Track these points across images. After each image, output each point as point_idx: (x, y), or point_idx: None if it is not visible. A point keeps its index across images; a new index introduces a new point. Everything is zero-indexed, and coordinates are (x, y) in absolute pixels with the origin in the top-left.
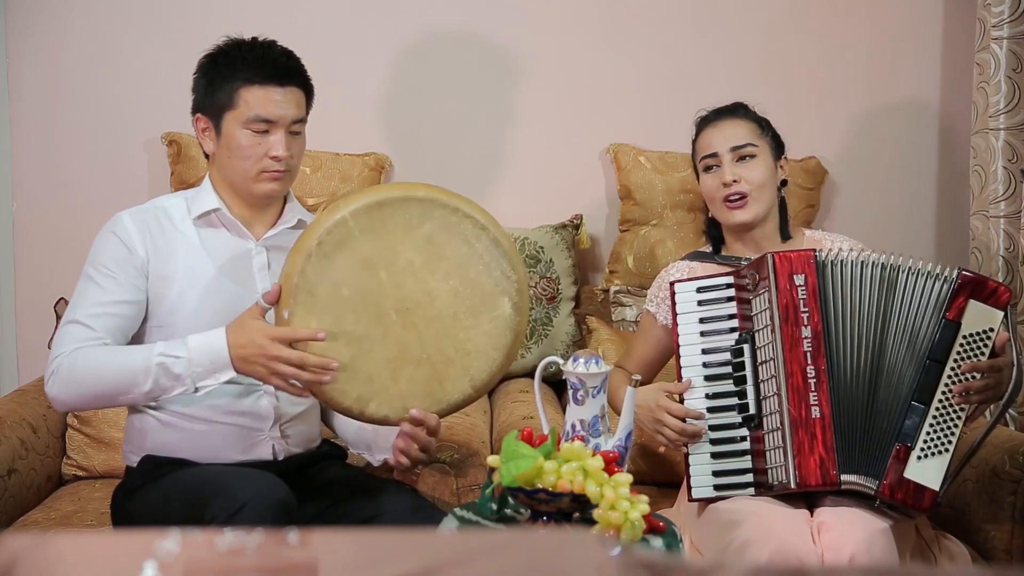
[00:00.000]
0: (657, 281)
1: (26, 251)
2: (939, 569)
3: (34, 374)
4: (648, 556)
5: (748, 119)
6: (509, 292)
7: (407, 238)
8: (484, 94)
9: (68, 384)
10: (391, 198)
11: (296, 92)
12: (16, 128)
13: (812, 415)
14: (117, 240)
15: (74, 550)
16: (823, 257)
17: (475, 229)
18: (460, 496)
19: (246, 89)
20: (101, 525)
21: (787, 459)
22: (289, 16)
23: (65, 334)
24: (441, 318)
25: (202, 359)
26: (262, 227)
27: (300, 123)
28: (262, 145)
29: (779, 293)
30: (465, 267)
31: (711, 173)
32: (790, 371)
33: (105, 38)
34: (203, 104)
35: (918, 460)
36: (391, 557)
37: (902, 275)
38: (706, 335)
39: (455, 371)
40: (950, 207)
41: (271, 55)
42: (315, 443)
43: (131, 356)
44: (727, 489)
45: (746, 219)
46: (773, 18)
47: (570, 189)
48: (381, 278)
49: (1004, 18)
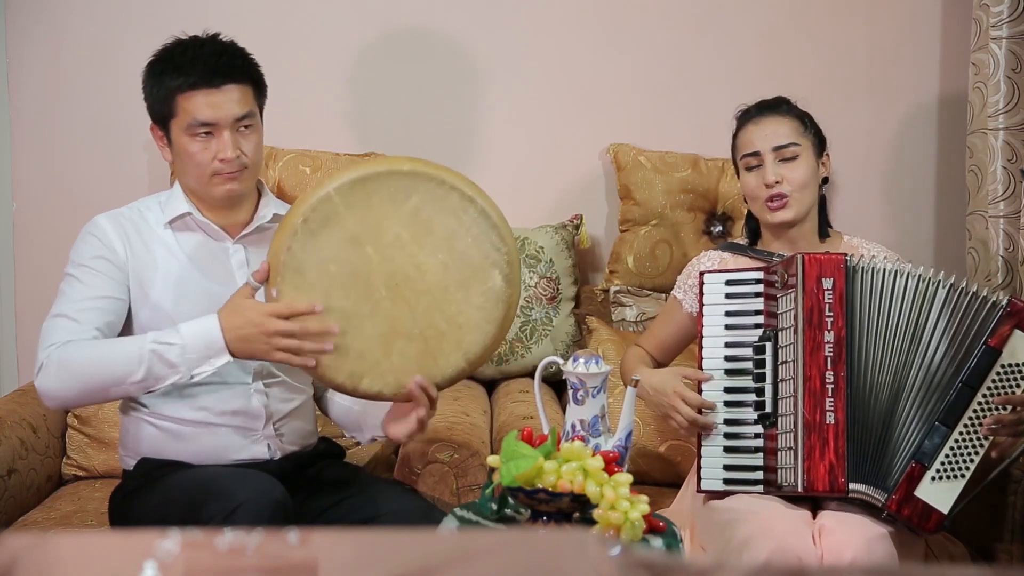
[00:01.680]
0: (687, 269)
1: (26, 251)
2: (939, 569)
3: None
4: (648, 556)
5: (791, 116)
6: (499, 264)
7: (394, 212)
8: (484, 94)
9: (59, 376)
10: (376, 172)
11: (235, 89)
12: (16, 128)
13: (826, 420)
14: (96, 240)
15: (74, 550)
16: (854, 262)
17: (462, 201)
18: (460, 496)
19: (182, 96)
20: (101, 525)
21: (797, 462)
22: (288, 16)
23: (52, 328)
24: (431, 291)
25: (196, 344)
26: (237, 226)
27: (248, 118)
28: (209, 149)
29: (805, 295)
30: (453, 240)
31: (752, 172)
32: (808, 374)
33: (105, 38)
34: (152, 113)
35: (932, 481)
36: (391, 557)
37: (941, 291)
38: (731, 328)
39: (448, 345)
40: (949, 207)
41: (202, 56)
42: (311, 440)
43: (123, 346)
44: (736, 484)
45: (787, 219)
46: (773, 18)
47: (570, 189)
48: (369, 253)
49: (1003, 18)
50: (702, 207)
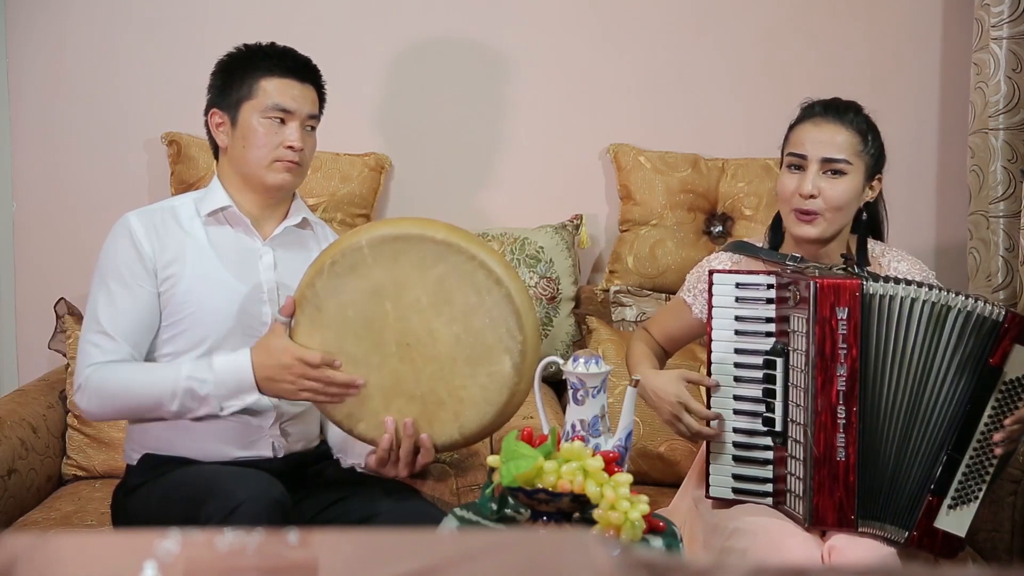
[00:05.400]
0: (696, 271)
1: (26, 251)
2: (939, 569)
3: (34, 374)
4: (648, 556)
5: (854, 129)
6: (512, 351)
7: (418, 276)
8: (484, 94)
9: (98, 400)
10: (409, 235)
11: (313, 91)
12: (16, 128)
13: (837, 456)
14: (125, 241)
15: (74, 550)
16: (870, 290)
17: (488, 281)
18: (460, 496)
19: (266, 79)
20: (101, 525)
21: (805, 495)
22: (288, 17)
23: (89, 345)
24: (439, 360)
25: (228, 380)
26: (270, 227)
27: (314, 119)
28: (278, 135)
29: (818, 323)
30: (471, 316)
31: (792, 173)
32: (819, 408)
33: (105, 38)
34: (220, 99)
35: (948, 510)
36: (391, 557)
37: (951, 315)
38: (741, 335)
39: (445, 414)
40: (950, 207)
41: (292, 54)
42: (315, 442)
43: (159, 376)
44: (745, 494)
45: (811, 236)
46: (773, 18)
47: (570, 189)
48: (387, 308)
49: (1004, 18)
50: (702, 207)
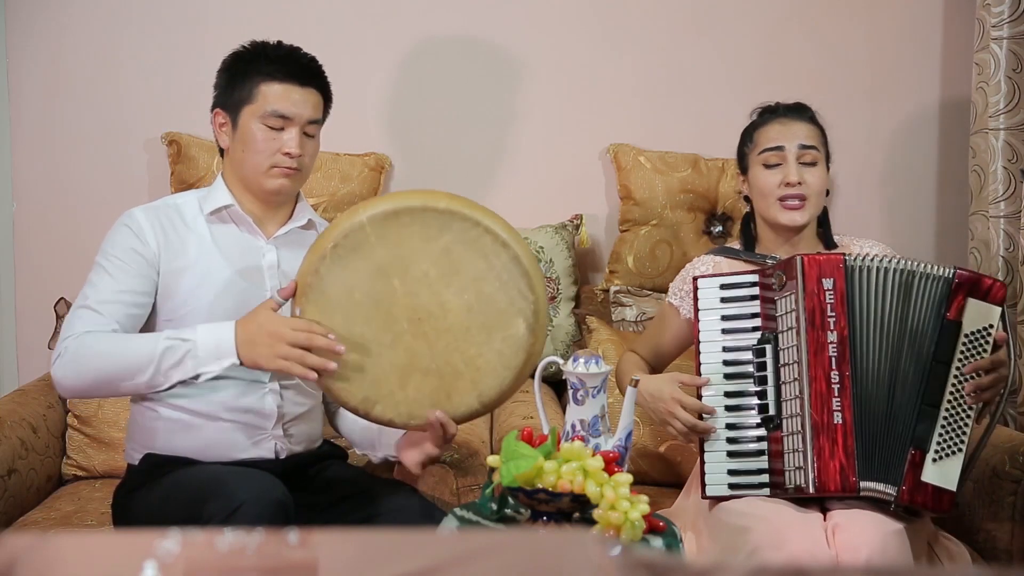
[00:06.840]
0: (681, 275)
1: (26, 251)
2: (939, 569)
3: (34, 374)
4: (648, 556)
5: (814, 125)
6: (525, 312)
7: (424, 249)
8: (484, 94)
9: (72, 366)
10: (410, 207)
11: (315, 94)
12: (16, 128)
13: (834, 420)
14: (129, 231)
15: (74, 550)
16: (852, 262)
17: (495, 245)
18: (460, 496)
19: (266, 84)
20: (101, 525)
21: (806, 463)
22: (289, 16)
23: (75, 318)
24: (453, 331)
25: (208, 341)
26: (273, 226)
27: (315, 124)
28: (276, 141)
29: (806, 296)
30: (481, 283)
31: (771, 169)
32: (814, 375)
33: (105, 38)
34: (223, 99)
35: (933, 463)
36: (391, 557)
37: (915, 280)
38: (728, 332)
39: (463, 384)
40: (950, 207)
41: (295, 55)
42: (317, 443)
43: (138, 342)
44: (742, 488)
45: (800, 221)
46: (773, 18)
47: (570, 189)
48: (394, 286)
49: (1004, 18)
50: (702, 207)
